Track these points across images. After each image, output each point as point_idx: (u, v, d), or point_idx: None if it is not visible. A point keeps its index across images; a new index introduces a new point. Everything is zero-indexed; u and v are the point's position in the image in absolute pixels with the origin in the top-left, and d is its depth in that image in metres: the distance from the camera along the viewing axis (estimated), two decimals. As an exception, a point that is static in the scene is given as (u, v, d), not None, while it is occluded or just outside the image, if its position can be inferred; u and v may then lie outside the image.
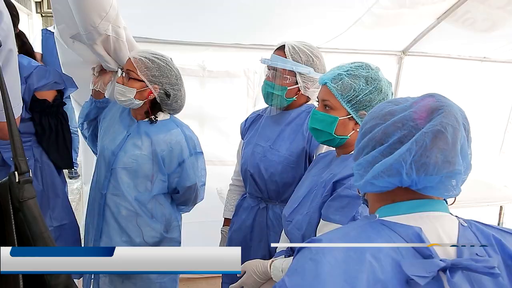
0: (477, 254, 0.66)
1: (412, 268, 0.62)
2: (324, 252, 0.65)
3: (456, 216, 0.74)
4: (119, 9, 1.51)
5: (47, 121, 1.80)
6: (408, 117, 0.70)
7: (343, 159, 1.25)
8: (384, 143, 0.72)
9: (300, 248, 0.70)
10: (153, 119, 1.67)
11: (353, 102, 1.19)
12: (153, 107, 1.67)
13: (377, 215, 0.75)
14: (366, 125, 0.77)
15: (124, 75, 1.62)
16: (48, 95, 1.78)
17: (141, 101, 1.62)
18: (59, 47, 1.79)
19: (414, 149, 0.68)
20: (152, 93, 1.62)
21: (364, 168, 0.74)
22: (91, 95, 1.82)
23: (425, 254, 0.65)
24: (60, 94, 1.86)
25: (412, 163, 0.68)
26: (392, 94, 1.25)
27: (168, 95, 1.64)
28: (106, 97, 1.85)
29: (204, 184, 1.82)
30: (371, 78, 1.19)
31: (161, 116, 1.71)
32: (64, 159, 1.90)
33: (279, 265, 1.24)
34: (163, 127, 1.69)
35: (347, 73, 1.20)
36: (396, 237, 0.67)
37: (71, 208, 1.94)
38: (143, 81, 1.59)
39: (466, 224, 0.72)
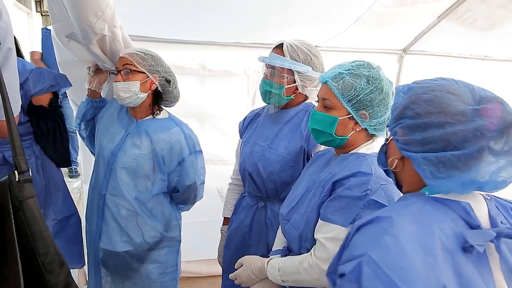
0: (501, 222, 0.76)
1: (473, 238, 0.71)
2: (397, 228, 0.71)
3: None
4: (116, 8, 1.50)
5: (45, 124, 1.83)
6: (484, 128, 0.73)
7: (343, 159, 1.23)
8: (459, 148, 0.75)
9: (360, 226, 0.76)
10: (154, 113, 1.69)
11: (353, 102, 1.17)
12: (155, 101, 1.69)
13: (426, 193, 0.81)
14: (430, 117, 0.77)
15: (122, 73, 1.61)
16: (44, 99, 1.81)
17: (145, 94, 1.64)
18: (56, 46, 1.79)
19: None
20: (154, 83, 1.64)
21: (435, 167, 0.77)
22: (87, 94, 1.81)
23: (474, 226, 0.74)
24: (56, 95, 1.87)
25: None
26: (392, 93, 1.22)
27: (168, 81, 1.67)
28: (103, 96, 1.85)
29: (203, 183, 1.82)
30: (372, 77, 1.17)
31: (160, 115, 1.71)
32: (62, 158, 1.92)
33: (276, 264, 1.24)
34: (162, 126, 1.69)
35: (348, 72, 1.18)
36: (450, 212, 0.75)
37: (72, 200, 1.96)
38: (144, 72, 1.61)
39: (488, 198, 0.81)
